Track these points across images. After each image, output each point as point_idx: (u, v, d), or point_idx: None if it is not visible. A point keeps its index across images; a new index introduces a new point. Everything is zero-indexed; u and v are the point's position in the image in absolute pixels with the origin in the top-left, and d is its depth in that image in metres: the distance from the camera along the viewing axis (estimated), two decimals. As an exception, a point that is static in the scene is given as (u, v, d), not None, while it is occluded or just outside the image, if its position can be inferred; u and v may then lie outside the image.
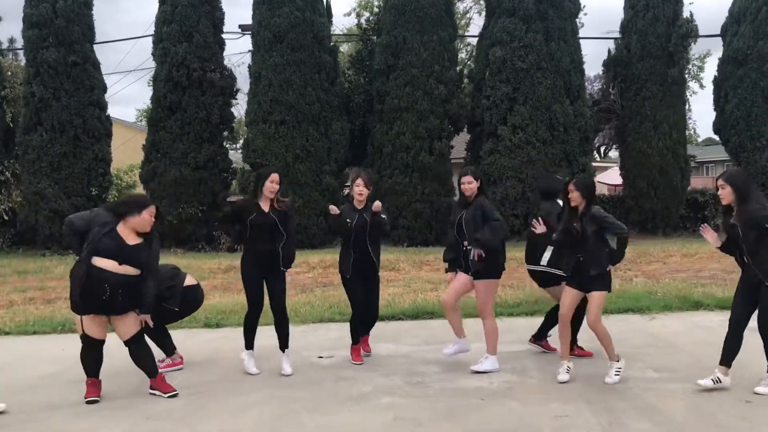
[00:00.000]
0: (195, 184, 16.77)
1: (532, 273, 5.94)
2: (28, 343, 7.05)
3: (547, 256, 5.64)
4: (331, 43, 17.92)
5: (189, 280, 5.74)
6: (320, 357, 6.12)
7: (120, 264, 4.71)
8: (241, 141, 25.48)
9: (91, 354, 4.95)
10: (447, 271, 5.92)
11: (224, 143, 18.00)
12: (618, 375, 5.08)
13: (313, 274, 12.16)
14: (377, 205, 5.76)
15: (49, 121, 16.81)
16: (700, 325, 6.93)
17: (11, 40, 20.10)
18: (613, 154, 35.99)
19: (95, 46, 18.01)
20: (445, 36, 17.03)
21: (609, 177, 25.99)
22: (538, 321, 6.34)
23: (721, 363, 4.83)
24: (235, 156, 22.70)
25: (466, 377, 5.37)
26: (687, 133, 19.85)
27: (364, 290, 5.84)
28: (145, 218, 4.83)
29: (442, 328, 6.70)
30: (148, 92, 64.08)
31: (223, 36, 18.04)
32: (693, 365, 5.36)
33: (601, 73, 19.89)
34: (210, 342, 6.81)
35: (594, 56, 59.34)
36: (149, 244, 4.88)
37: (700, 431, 4.08)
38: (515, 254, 14.15)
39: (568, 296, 5.23)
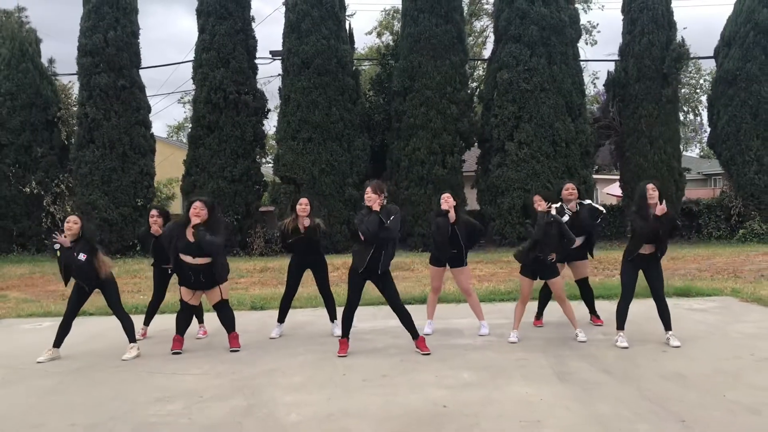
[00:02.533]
0: (231, 195, 18.56)
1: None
2: (110, 321, 8.77)
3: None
4: (354, 68, 19.67)
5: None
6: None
7: (194, 258, 6.46)
8: (271, 156, 27.26)
9: (184, 316, 6.80)
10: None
11: (257, 158, 19.78)
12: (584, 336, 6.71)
13: (338, 273, 13.84)
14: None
15: (101, 139, 18.75)
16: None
17: (51, 61, 21.94)
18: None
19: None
20: (457, 61, 18.70)
21: (616, 189, 27.37)
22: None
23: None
24: (265, 170, 24.50)
25: (458, 338, 7.00)
26: (699, 146, 21.21)
27: (362, 287, 6.50)
28: (191, 213, 6.48)
29: (444, 309, 8.37)
30: (174, 107, 66.27)
31: (256, 61, 19.90)
32: (635, 332, 6.88)
33: (604, 91, 21.41)
34: (258, 319, 8.49)
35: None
36: (215, 231, 6.51)
37: (621, 367, 5.65)
38: (505, 258, 15.62)
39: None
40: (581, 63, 19.41)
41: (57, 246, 6.45)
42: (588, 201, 7.50)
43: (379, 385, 5.32)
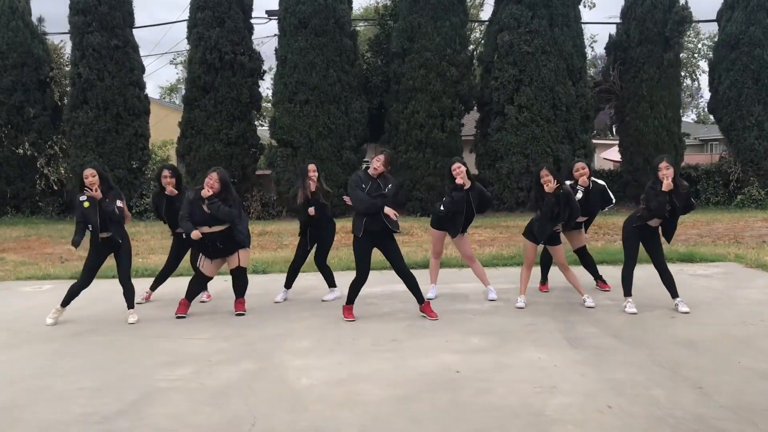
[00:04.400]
0: (227, 158, 18.35)
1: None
2: (111, 284, 8.68)
3: None
4: (351, 28, 19.31)
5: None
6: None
7: (210, 227, 6.40)
8: (266, 119, 26.92)
9: (198, 283, 6.74)
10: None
11: (253, 121, 19.52)
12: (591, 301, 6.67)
13: (337, 237, 13.75)
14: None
15: (94, 100, 18.44)
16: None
17: (40, 20, 21.38)
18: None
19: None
20: (457, 21, 18.39)
21: (613, 154, 27.27)
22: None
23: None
24: (260, 132, 24.24)
25: (464, 303, 6.96)
26: (696, 111, 21.09)
27: (370, 254, 6.36)
28: (205, 183, 6.42)
29: (448, 274, 8.34)
30: (167, 69, 65.38)
31: (251, 21, 19.50)
32: (641, 298, 6.85)
33: (605, 54, 21.13)
34: (261, 283, 8.42)
35: (605, 37, 59.70)
36: (228, 202, 6.42)
37: (631, 333, 5.62)
38: (518, 222, 15.63)
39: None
40: (582, 26, 19.08)
41: (83, 199, 6.25)
42: (602, 182, 7.35)
43: (389, 350, 5.27)
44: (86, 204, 6.28)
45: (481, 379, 4.49)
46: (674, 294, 6.42)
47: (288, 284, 7.49)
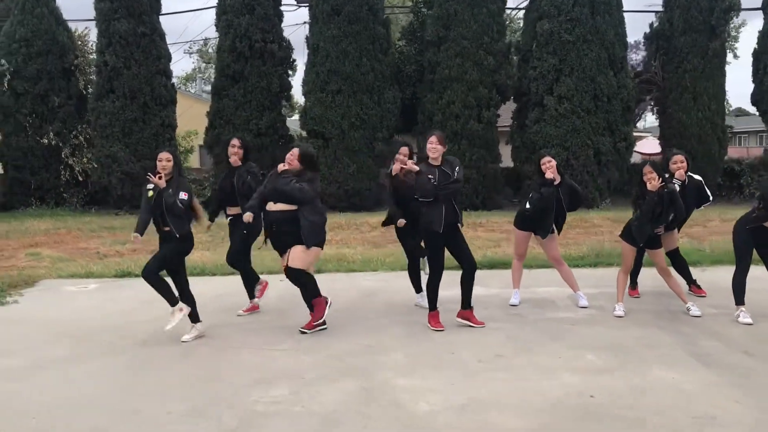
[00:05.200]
0: (257, 149, 17.74)
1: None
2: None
3: None
4: (384, 16, 18.72)
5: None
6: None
7: (275, 203, 5.77)
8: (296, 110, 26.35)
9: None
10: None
11: (282, 111, 18.99)
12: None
13: (375, 233, 13.24)
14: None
15: (121, 88, 17.90)
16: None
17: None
18: (640, 124, 36.32)
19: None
20: (495, 8, 17.76)
21: (643, 146, 26.64)
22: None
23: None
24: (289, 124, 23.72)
25: (554, 311, 6.45)
26: (728, 103, 20.45)
27: (444, 251, 5.85)
28: (287, 158, 5.86)
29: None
30: (185, 60, 64.51)
31: (281, 8, 18.93)
32: (755, 306, 6.31)
33: (642, 43, 20.43)
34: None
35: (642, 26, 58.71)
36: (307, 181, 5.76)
37: (759, 346, 5.10)
38: (577, 221, 15.11)
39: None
40: (623, 14, 18.42)
41: (150, 187, 5.72)
42: (699, 177, 6.83)
43: (499, 368, 4.78)
44: (150, 194, 5.73)
45: (626, 407, 3.99)
46: None
47: (419, 288, 6.69)
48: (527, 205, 6.53)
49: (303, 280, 5.85)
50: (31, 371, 4.94)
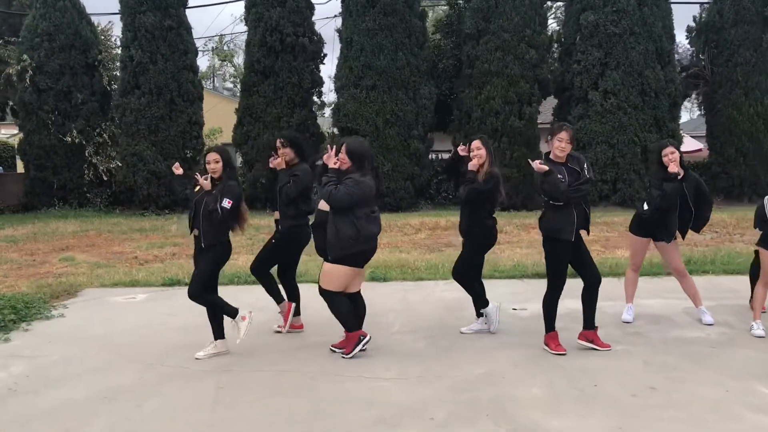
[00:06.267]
0: (289, 147, 17.08)
1: None
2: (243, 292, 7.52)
3: None
4: (420, 8, 17.99)
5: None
6: (514, 309, 6.49)
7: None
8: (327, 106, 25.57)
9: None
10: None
11: (313, 108, 18.29)
12: None
13: (425, 234, 12.51)
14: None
15: (147, 84, 17.23)
16: None
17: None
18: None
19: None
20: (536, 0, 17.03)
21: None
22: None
23: None
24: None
25: (678, 329, 5.68)
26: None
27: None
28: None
29: (613, 285, 6.99)
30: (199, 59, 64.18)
31: (312, 0, 18.22)
32: None
33: (685, 37, 19.65)
34: (391, 294, 7.20)
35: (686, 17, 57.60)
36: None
37: None
38: (605, 219, 14.33)
39: None
40: (671, 5, 17.64)
41: (188, 188, 5.15)
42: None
43: (660, 405, 4.02)
44: (196, 189, 5.16)
45: None
46: None
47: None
48: (644, 206, 5.78)
49: (334, 304, 4.99)
50: (99, 404, 4.22)
